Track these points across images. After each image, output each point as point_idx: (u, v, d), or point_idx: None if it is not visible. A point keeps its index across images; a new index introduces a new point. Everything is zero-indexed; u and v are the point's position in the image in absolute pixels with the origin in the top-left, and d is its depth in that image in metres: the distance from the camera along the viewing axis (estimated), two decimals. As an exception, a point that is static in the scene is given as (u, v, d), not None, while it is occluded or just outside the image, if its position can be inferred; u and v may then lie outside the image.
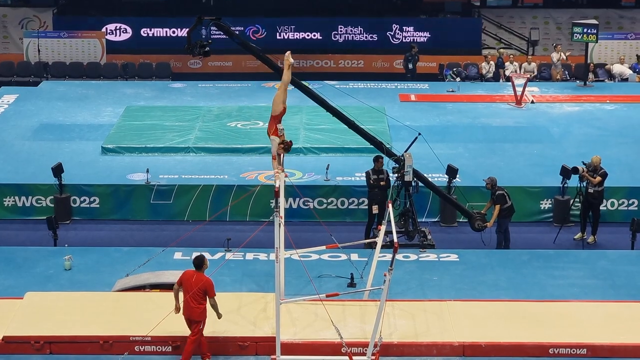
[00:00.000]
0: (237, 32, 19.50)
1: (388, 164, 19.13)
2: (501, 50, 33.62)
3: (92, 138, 24.44)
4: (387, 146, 19.27)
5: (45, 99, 28.48)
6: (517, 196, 19.96)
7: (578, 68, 32.51)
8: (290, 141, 15.61)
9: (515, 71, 30.96)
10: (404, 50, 33.17)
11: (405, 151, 18.83)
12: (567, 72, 32.34)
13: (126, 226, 20.74)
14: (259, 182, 20.95)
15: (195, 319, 13.90)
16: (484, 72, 31.90)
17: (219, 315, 14.04)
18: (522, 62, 31.97)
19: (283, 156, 15.71)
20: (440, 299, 15.80)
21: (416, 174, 18.86)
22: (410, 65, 31.74)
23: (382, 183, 19.10)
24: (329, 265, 17.33)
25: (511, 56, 32.35)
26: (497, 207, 18.87)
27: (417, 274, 17.12)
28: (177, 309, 14.02)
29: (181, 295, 13.98)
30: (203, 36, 18.85)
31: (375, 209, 18.92)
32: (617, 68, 32.04)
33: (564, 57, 31.87)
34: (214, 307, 13.96)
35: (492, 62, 31.94)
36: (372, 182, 19.22)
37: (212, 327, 14.47)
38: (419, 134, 19.12)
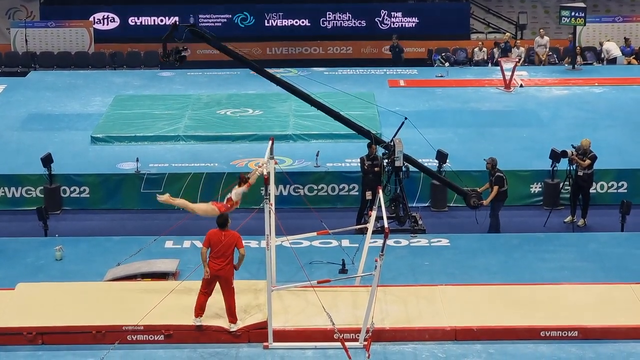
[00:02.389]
0: (215, 34, 19.46)
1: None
2: (507, 34, 33.59)
3: (81, 128, 24.39)
4: (375, 133, 19.28)
5: (34, 89, 28.43)
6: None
7: (566, 51, 32.54)
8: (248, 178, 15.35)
9: (520, 56, 30.88)
10: (392, 36, 33.12)
11: (394, 137, 18.87)
12: (555, 56, 32.38)
13: (117, 215, 20.72)
14: (249, 169, 20.93)
15: (228, 276, 14.13)
16: (477, 58, 31.90)
17: (238, 267, 14.30)
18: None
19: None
20: (432, 283, 15.84)
21: (407, 158, 18.90)
22: (393, 56, 31.78)
23: (376, 169, 19.13)
24: (320, 252, 17.36)
25: (518, 41, 32.35)
26: (496, 188, 18.90)
27: (409, 259, 17.16)
28: (208, 272, 14.16)
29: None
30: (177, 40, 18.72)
31: (369, 195, 18.94)
32: (605, 45, 32.08)
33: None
34: (243, 258, 14.22)
35: (484, 49, 31.94)
36: (366, 167, 19.24)
37: (205, 316, 14.51)
38: (405, 118, 19.17)
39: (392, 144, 18.68)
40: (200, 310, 14.32)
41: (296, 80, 28.67)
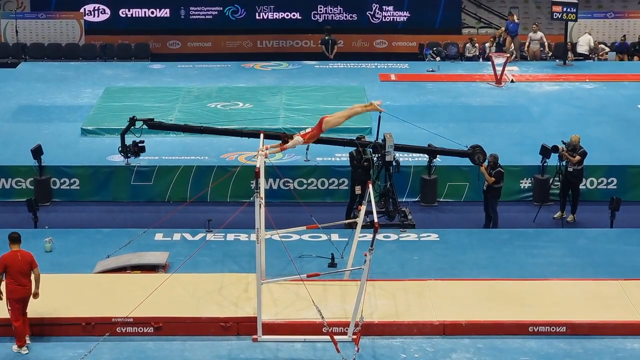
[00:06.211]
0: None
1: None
2: (502, 29, 33.57)
3: (71, 119, 24.33)
4: (365, 129, 19.30)
5: (24, 80, 28.34)
6: (497, 175, 20.06)
7: (557, 47, 32.57)
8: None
9: (512, 51, 30.90)
10: (384, 29, 33.09)
11: (377, 135, 18.94)
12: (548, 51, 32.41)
13: (107, 208, 20.69)
14: (239, 163, 20.95)
15: (29, 295, 13.82)
16: (469, 54, 31.89)
17: (37, 293, 13.89)
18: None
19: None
20: (421, 278, 15.88)
21: (398, 146, 18.97)
22: (326, 49, 31.65)
23: (365, 163, 19.15)
24: (309, 246, 17.37)
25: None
26: (493, 179, 18.93)
27: (398, 253, 17.19)
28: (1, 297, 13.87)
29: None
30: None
31: (358, 190, 18.96)
32: (581, 39, 32.20)
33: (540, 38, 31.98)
34: (39, 277, 13.85)
35: (477, 45, 31.96)
36: (355, 162, 19.26)
37: (195, 308, 14.53)
38: (382, 111, 19.22)
39: (377, 144, 18.77)
40: (23, 339, 13.93)
41: (287, 74, 28.96)
